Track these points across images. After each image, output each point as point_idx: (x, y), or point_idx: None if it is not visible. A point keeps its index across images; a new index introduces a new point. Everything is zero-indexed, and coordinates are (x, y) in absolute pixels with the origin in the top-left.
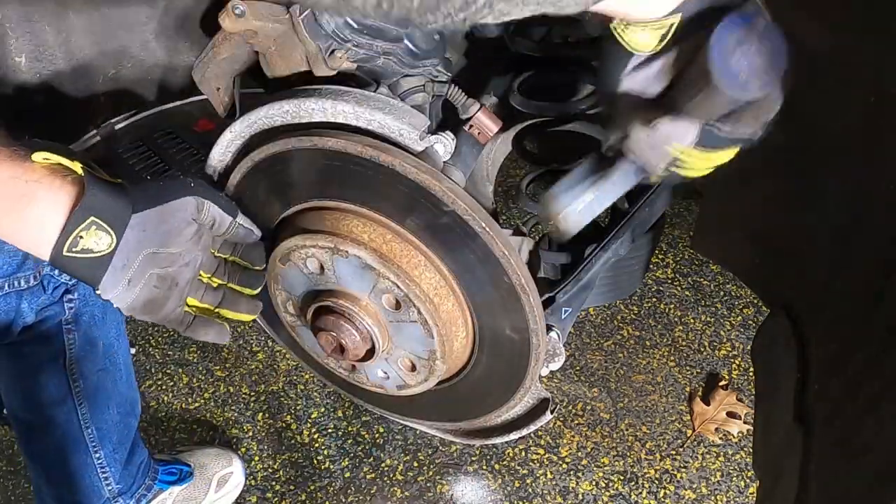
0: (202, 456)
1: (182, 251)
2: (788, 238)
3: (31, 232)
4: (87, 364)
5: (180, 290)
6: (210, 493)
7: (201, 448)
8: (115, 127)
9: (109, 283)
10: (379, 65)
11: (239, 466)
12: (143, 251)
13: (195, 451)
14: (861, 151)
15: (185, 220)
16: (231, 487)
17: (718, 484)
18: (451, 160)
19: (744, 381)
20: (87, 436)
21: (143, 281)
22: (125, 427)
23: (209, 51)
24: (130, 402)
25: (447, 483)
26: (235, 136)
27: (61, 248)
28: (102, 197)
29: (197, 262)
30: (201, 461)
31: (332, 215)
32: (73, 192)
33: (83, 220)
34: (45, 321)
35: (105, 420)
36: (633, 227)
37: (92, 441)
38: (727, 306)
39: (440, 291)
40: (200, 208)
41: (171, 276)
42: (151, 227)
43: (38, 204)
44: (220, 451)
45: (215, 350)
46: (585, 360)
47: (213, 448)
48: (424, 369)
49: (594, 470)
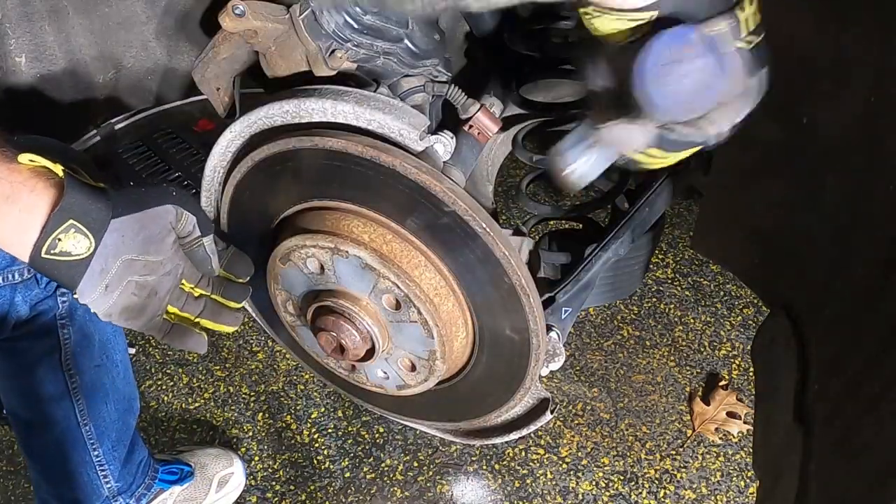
0: (203, 456)
1: (163, 259)
2: (788, 238)
3: (12, 232)
4: (84, 359)
5: (160, 300)
6: (211, 493)
7: (202, 448)
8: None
9: (87, 288)
10: (379, 65)
11: (240, 467)
12: (122, 257)
13: (196, 452)
14: (861, 151)
15: (166, 228)
16: (232, 488)
17: (718, 484)
18: (451, 160)
19: (744, 381)
20: (86, 433)
21: (121, 287)
22: (123, 424)
23: (209, 51)
24: (128, 400)
25: (447, 483)
26: (235, 136)
27: (39, 250)
28: (82, 200)
29: (178, 272)
30: (202, 461)
31: (333, 215)
32: (54, 194)
33: (62, 223)
34: (39, 316)
35: (103, 417)
36: (633, 227)
37: (90, 438)
38: (727, 306)
39: (440, 292)
40: (180, 217)
41: (151, 285)
42: (131, 234)
43: (20, 205)
44: (221, 452)
45: (215, 350)
46: (585, 360)
47: (214, 448)
48: (424, 369)
49: (594, 470)
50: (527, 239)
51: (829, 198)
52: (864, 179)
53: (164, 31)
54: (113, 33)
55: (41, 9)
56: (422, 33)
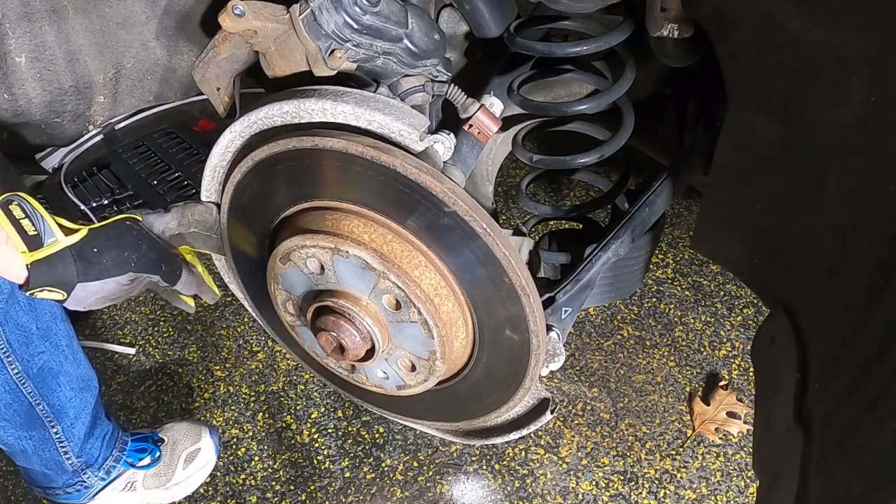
0: (176, 431)
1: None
2: (788, 238)
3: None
4: (24, 350)
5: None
6: (178, 470)
7: (177, 422)
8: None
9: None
10: (379, 65)
11: (208, 443)
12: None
13: (172, 426)
14: (861, 151)
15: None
16: (200, 465)
17: (718, 484)
18: (451, 160)
19: (744, 381)
20: (41, 412)
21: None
22: (81, 402)
23: (209, 51)
24: (83, 379)
25: (447, 483)
26: (235, 136)
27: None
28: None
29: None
30: (174, 437)
31: (333, 215)
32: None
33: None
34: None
35: (58, 397)
36: (633, 227)
37: (47, 417)
38: (727, 306)
39: (440, 292)
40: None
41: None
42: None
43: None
44: (191, 427)
45: (215, 350)
46: (585, 360)
47: (186, 423)
48: (424, 370)
49: (594, 470)
50: (527, 239)
51: (829, 198)
52: (864, 179)
53: (164, 31)
54: (113, 33)
55: (41, 9)
56: (422, 33)
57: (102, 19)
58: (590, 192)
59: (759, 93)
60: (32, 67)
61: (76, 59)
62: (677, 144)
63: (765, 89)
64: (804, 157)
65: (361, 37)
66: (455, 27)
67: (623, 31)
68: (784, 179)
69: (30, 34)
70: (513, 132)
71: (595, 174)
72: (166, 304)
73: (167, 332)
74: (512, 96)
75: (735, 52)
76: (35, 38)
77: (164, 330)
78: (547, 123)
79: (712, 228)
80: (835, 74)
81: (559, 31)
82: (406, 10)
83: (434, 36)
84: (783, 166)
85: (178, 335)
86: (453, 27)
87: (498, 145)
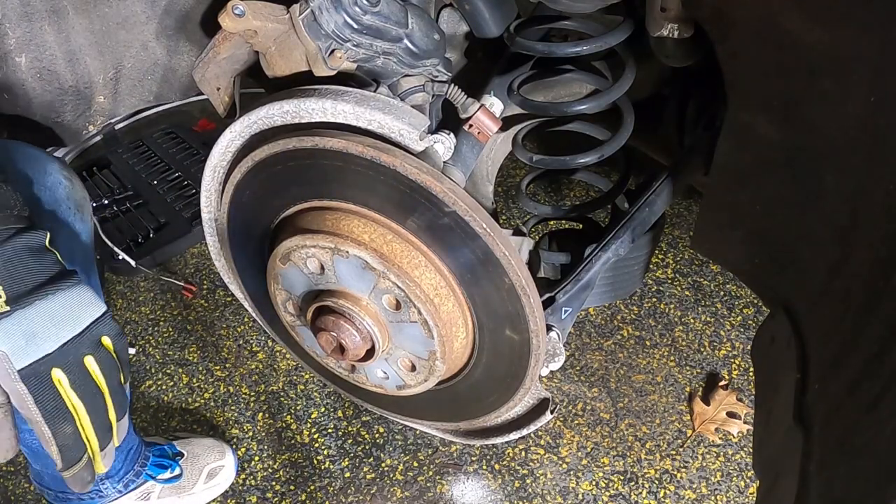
0: (196, 445)
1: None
2: (788, 238)
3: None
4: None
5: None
6: (199, 483)
7: (198, 437)
8: (115, 127)
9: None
10: (379, 65)
11: (231, 461)
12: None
13: (191, 440)
14: (861, 151)
15: None
16: (220, 481)
17: (718, 484)
18: (451, 160)
19: (744, 381)
20: None
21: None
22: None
23: (209, 51)
24: None
25: (447, 483)
26: (235, 136)
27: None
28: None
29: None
30: (195, 451)
31: (333, 215)
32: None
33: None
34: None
35: None
36: (633, 227)
37: None
38: (727, 306)
39: (440, 292)
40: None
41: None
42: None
43: None
44: (215, 444)
45: (215, 350)
46: (585, 360)
47: (209, 439)
48: (424, 370)
49: (594, 470)
50: (527, 239)
51: (829, 198)
52: (864, 179)
53: (164, 31)
54: (113, 33)
55: (41, 9)
56: (422, 33)
57: (102, 19)
58: (590, 192)
59: (759, 93)
60: (32, 67)
61: (76, 59)
62: (677, 144)
63: (765, 89)
64: (804, 157)
65: (361, 37)
66: (455, 27)
67: (623, 31)
68: (784, 179)
69: (30, 34)
70: (513, 132)
71: (595, 174)
72: (166, 305)
73: (167, 332)
74: (512, 96)
75: (735, 52)
76: (35, 38)
77: (164, 330)
78: (547, 123)
79: (712, 228)
80: (835, 74)
81: (559, 31)
82: (406, 10)
83: (434, 36)
84: (783, 166)
85: (178, 335)
86: (453, 27)
87: (498, 145)
